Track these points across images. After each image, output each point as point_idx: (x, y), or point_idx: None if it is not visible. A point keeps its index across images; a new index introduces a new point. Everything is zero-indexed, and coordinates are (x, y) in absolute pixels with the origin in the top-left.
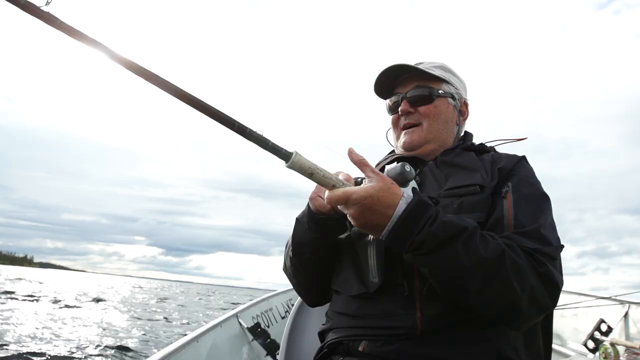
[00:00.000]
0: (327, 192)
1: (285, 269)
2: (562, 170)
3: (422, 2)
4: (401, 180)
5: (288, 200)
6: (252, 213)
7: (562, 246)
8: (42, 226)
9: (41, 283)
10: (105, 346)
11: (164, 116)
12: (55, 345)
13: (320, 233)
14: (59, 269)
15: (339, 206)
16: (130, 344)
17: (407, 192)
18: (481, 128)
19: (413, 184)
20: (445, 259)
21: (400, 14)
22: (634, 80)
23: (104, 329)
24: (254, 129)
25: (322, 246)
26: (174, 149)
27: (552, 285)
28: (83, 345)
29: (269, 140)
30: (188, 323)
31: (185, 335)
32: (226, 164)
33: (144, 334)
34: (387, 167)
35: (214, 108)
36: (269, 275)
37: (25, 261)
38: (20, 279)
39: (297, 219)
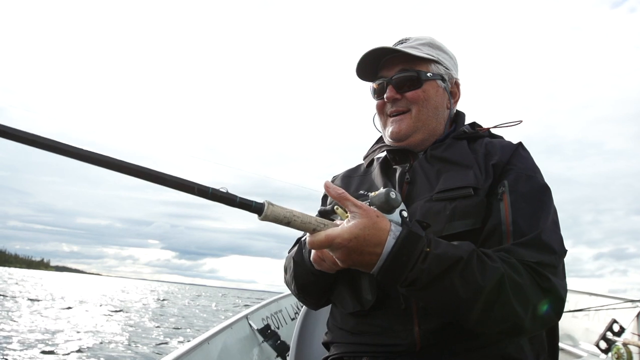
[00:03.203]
0: (308, 237)
1: (287, 286)
2: (578, 170)
3: (432, 2)
4: (387, 208)
5: (300, 203)
6: None
7: (565, 251)
8: (58, 230)
9: (42, 288)
10: (115, 348)
11: (177, 120)
12: (63, 346)
13: (326, 275)
14: (74, 273)
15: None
16: (139, 345)
17: (395, 220)
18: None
19: (402, 206)
20: (441, 292)
21: (402, 14)
22: None
23: (112, 332)
24: (217, 187)
25: (327, 281)
26: (187, 152)
27: (556, 300)
28: (88, 347)
29: (237, 196)
30: (199, 330)
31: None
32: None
33: (150, 337)
34: (371, 195)
35: (166, 174)
36: (282, 279)
37: (42, 265)
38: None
39: (296, 262)
